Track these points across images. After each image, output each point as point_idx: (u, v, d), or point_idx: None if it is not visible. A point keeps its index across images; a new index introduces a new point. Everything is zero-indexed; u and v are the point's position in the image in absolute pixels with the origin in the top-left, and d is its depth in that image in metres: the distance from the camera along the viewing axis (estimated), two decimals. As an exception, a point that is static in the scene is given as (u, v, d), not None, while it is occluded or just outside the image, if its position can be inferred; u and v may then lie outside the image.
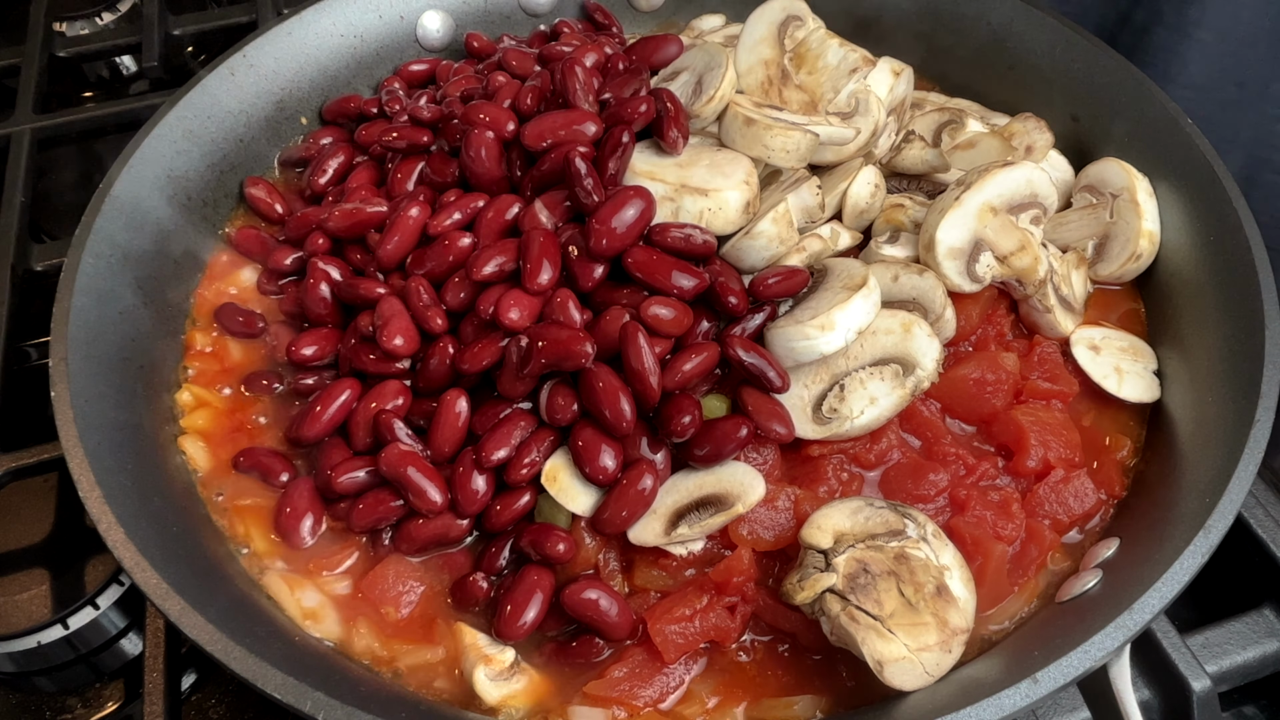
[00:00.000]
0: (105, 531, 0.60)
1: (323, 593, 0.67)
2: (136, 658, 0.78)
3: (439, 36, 1.03)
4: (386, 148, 0.86)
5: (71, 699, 0.77)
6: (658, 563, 0.66)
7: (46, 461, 0.76)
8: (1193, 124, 0.80)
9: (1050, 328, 0.78)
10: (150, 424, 0.73)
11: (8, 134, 1.02)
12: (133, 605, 0.78)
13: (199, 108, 0.88)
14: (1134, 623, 0.56)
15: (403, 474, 0.67)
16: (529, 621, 0.63)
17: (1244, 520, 0.73)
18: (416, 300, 0.73)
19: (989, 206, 0.76)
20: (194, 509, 0.71)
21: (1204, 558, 0.58)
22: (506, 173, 0.78)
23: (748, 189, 0.74)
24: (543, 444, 0.67)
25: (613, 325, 0.68)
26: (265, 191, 0.89)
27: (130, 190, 0.80)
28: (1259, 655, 0.68)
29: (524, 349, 0.67)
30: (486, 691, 0.61)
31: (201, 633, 0.56)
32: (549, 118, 0.76)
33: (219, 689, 0.75)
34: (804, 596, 0.60)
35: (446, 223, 0.76)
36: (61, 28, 1.22)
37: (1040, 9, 0.91)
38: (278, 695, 0.54)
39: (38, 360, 0.93)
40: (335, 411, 0.72)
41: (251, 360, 0.80)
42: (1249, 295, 0.70)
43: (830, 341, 0.68)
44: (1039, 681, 0.54)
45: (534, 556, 0.66)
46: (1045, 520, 0.69)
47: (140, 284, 0.78)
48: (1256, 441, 0.63)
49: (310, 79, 0.96)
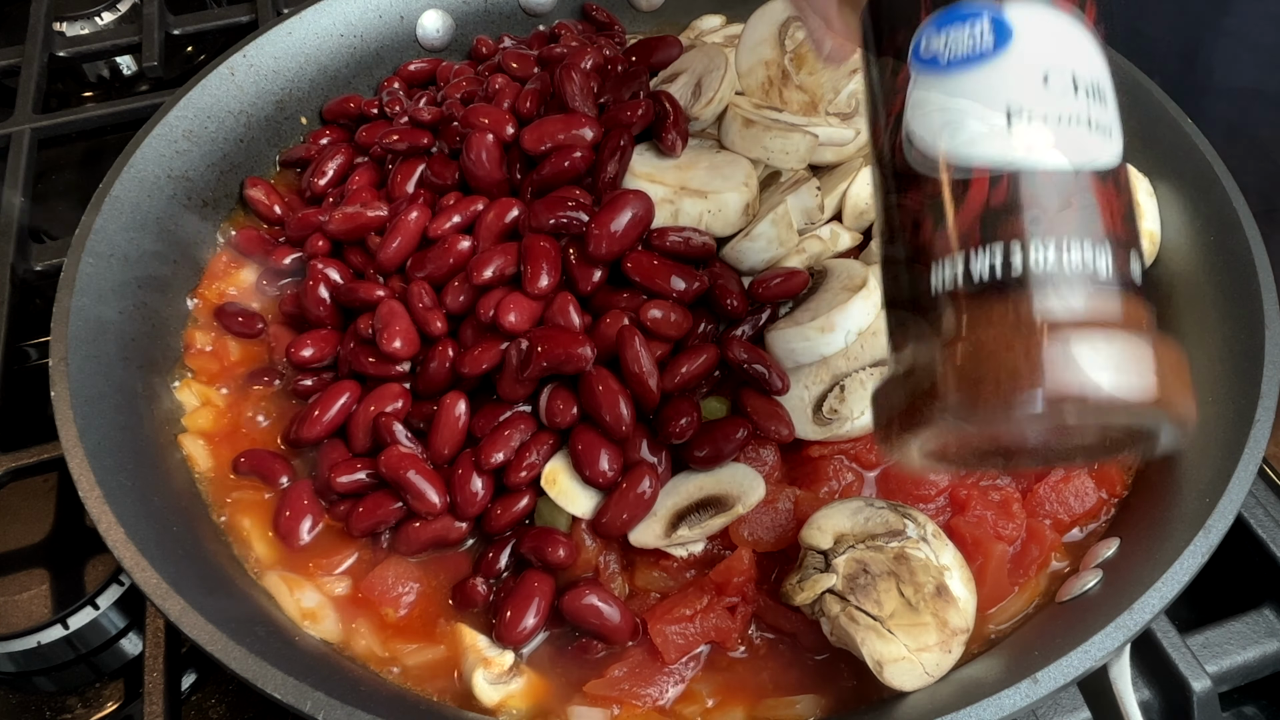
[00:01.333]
0: (105, 531, 0.60)
1: (322, 593, 0.67)
2: (136, 658, 0.78)
3: (439, 36, 1.03)
4: (387, 149, 0.86)
5: (71, 699, 0.77)
6: (658, 564, 0.66)
7: (46, 461, 0.76)
8: (1193, 124, 0.80)
9: (1050, 328, 0.78)
10: (150, 424, 0.73)
11: (8, 134, 1.01)
12: (133, 605, 0.78)
13: (199, 108, 0.88)
14: (1134, 623, 0.56)
15: (402, 476, 0.67)
16: (529, 628, 0.63)
17: (1244, 520, 0.73)
18: (417, 303, 0.73)
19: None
20: (194, 509, 0.71)
21: (1204, 558, 0.58)
22: (506, 176, 0.78)
23: (747, 191, 0.74)
24: (542, 447, 0.68)
25: (612, 329, 0.68)
26: (264, 193, 0.89)
27: (130, 190, 0.80)
28: (1259, 655, 0.68)
29: (524, 352, 0.67)
30: (485, 694, 0.61)
31: (201, 633, 0.56)
32: (548, 122, 0.76)
33: (219, 689, 0.75)
34: (803, 598, 0.61)
35: (446, 226, 0.76)
36: (61, 28, 1.21)
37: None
38: (278, 695, 0.54)
39: (38, 360, 0.93)
40: (335, 414, 0.72)
41: (251, 360, 0.80)
42: (1249, 295, 0.70)
43: (830, 343, 0.68)
44: (1039, 681, 0.54)
45: (534, 562, 0.66)
46: (1046, 520, 0.69)
47: (140, 284, 0.78)
48: (1256, 441, 0.63)
49: (310, 79, 0.96)
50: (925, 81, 0.47)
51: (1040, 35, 0.45)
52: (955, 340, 0.43)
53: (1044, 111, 0.44)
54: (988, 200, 0.44)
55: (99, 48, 1.18)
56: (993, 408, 0.41)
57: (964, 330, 0.43)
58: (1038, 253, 0.42)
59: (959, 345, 0.43)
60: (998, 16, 0.45)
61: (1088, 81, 0.46)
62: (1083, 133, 0.45)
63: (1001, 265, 0.43)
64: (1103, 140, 0.45)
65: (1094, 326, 0.41)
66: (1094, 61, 0.46)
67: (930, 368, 0.43)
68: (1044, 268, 0.42)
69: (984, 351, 0.41)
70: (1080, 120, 0.45)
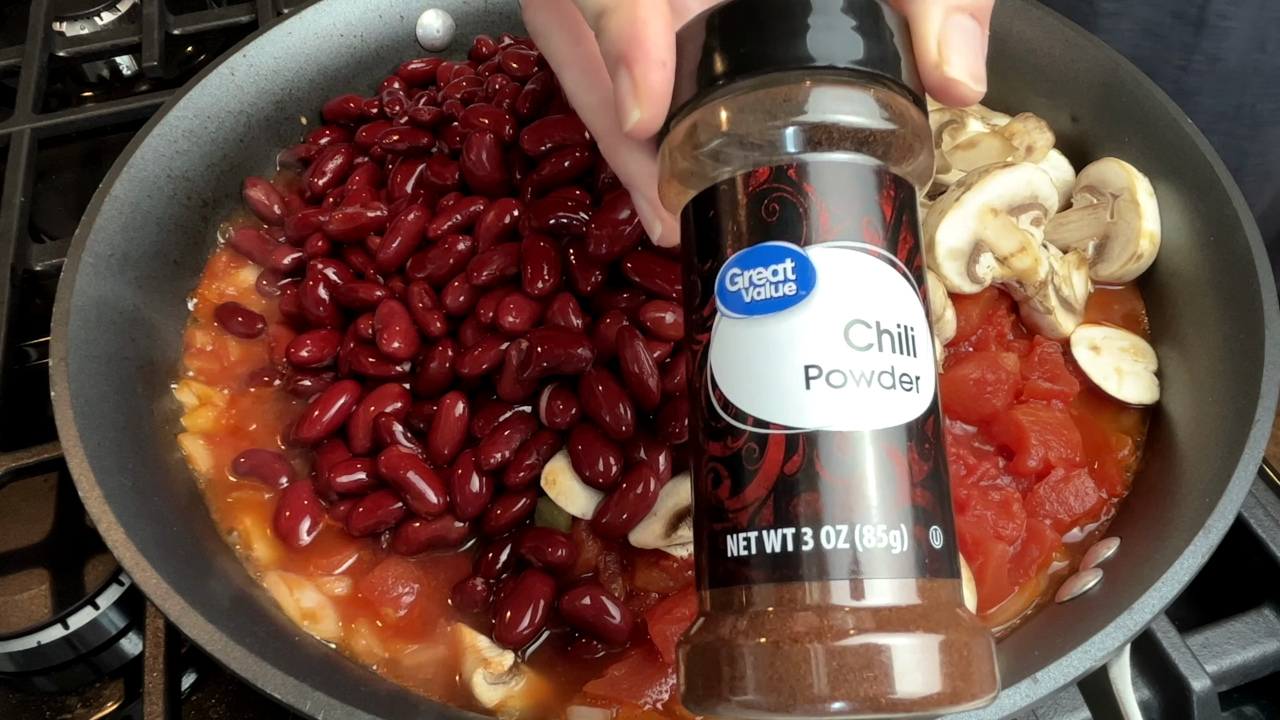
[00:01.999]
0: (105, 531, 0.60)
1: (322, 593, 0.67)
2: (136, 658, 0.78)
3: (439, 36, 1.03)
4: (387, 150, 0.86)
5: (71, 699, 0.77)
6: (658, 564, 0.66)
7: (46, 461, 0.76)
8: (1193, 124, 0.80)
9: (1051, 329, 0.78)
10: (150, 424, 0.73)
11: (8, 134, 1.01)
12: (133, 605, 0.78)
13: (199, 108, 0.88)
14: (1134, 623, 0.56)
15: (402, 476, 0.67)
16: (528, 629, 0.63)
17: (1244, 520, 0.73)
18: (417, 304, 0.73)
19: (989, 208, 0.76)
20: (194, 509, 0.71)
21: (1204, 558, 0.58)
22: (506, 176, 0.78)
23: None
24: (542, 447, 0.68)
25: (611, 329, 0.68)
26: (264, 193, 0.89)
27: (130, 190, 0.80)
28: (1259, 655, 0.68)
29: (523, 353, 0.67)
30: (485, 694, 0.61)
31: (201, 633, 0.56)
32: (548, 122, 0.76)
33: (219, 689, 0.75)
34: (804, 597, 0.60)
35: (446, 226, 0.76)
36: (61, 28, 1.22)
37: (1041, 8, 0.91)
38: (278, 695, 0.54)
39: (38, 360, 0.93)
40: (334, 414, 0.72)
41: (251, 360, 0.80)
42: (1249, 295, 0.70)
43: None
44: (1039, 681, 0.54)
45: (534, 563, 0.66)
46: (1046, 520, 0.69)
47: (140, 284, 0.78)
48: (1256, 441, 0.63)
49: (310, 79, 0.96)
50: (729, 322, 0.43)
51: (845, 282, 0.41)
52: (741, 617, 0.40)
53: (844, 369, 0.40)
54: (781, 466, 0.40)
55: (99, 48, 1.18)
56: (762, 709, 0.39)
57: (750, 609, 0.40)
58: (825, 534, 0.39)
59: (743, 624, 0.40)
60: (803, 259, 0.42)
61: (895, 332, 0.42)
62: (884, 392, 0.41)
63: (792, 542, 0.40)
64: (907, 397, 0.42)
65: (881, 624, 0.39)
66: (905, 308, 0.43)
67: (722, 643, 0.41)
68: (830, 550, 0.39)
69: (767, 639, 0.39)
70: (883, 377, 0.41)
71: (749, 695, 0.39)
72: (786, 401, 0.41)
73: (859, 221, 0.42)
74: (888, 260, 0.43)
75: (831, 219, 0.42)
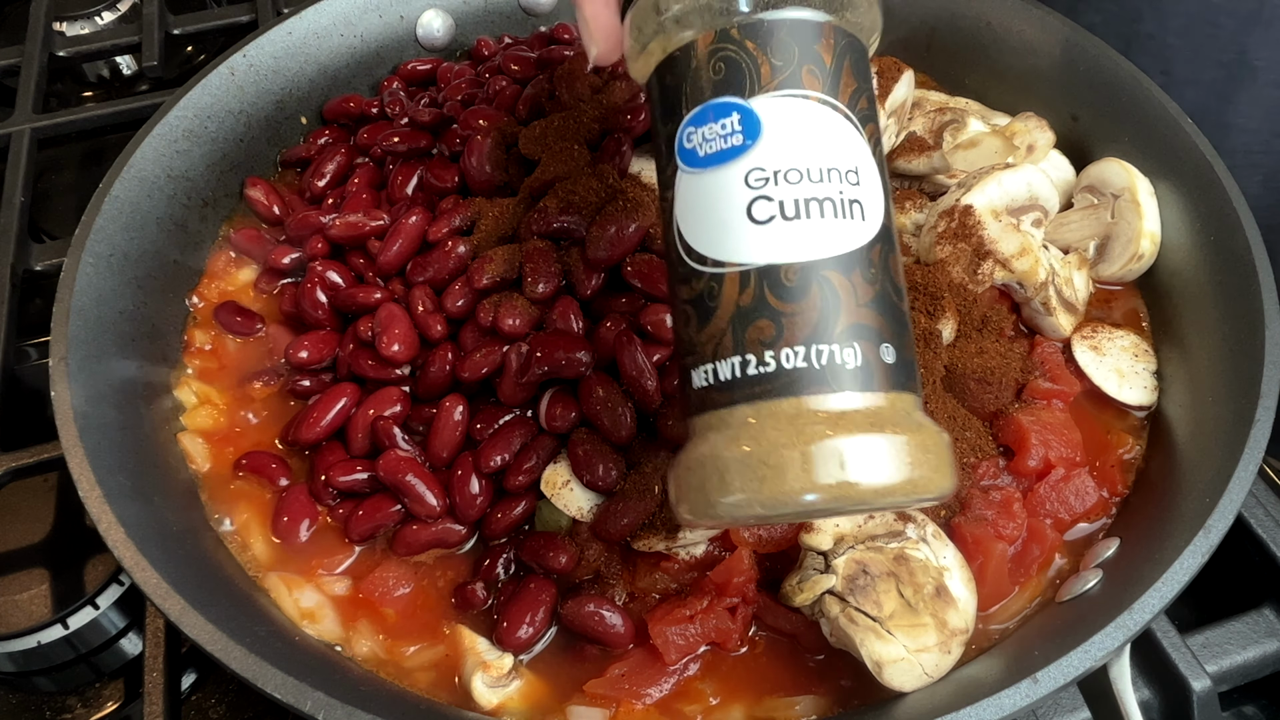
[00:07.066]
0: (105, 531, 0.60)
1: (322, 593, 0.67)
2: (136, 658, 0.78)
3: (439, 36, 1.03)
4: (387, 151, 0.86)
5: (71, 699, 0.77)
6: (659, 566, 0.66)
7: (46, 461, 0.76)
8: (1193, 124, 0.80)
9: (1052, 330, 0.78)
10: (150, 424, 0.73)
11: (8, 134, 1.01)
12: (133, 605, 0.78)
13: (199, 108, 0.88)
14: (1134, 623, 0.56)
15: (401, 479, 0.67)
16: (529, 634, 0.63)
17: (1244, 520, 0.73)
18: (417, 307, 0.73)
19: (990, 209, 0.76)
20: (194, 509, 0.71)
21: (1204, 558, 0.58)
22: (506, 179, 0.78)
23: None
24: (542, 450, 0.67)
25: (611, 333, 0.68)
26: (264, 193, 0.89)
27: (130, 190, 0.80)
28: (1259, 655, 0.68)
29: (523, 356, 0.67)
30: (484, 697, 0.61)
31: (201, 633, 0.56)
32: (547, 125, 0.76)
33: (219, 689, 0.75)
34: (803, 599, 0.61)
35: (446, 229, 0.76)
36: (61, 27, 1.21)
37: (1041, 8, 0.91)
38: (278, 695, 0.54)
39: (38, 360, 0.93)
40: (333, 417, 0.72)
41: (251, 360, 0.80)
42: (1249, 295, 0.70)
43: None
44: (1039, 681, 0.54)
45: (535, 568, 0.66)
46: (1047, 519, 0.69)
47: (140, 284, 0.78)
48: (1256, 441, 0.63)
49: (310, 79, 0.96)
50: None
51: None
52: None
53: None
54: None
55: (99, 48, 1.18)
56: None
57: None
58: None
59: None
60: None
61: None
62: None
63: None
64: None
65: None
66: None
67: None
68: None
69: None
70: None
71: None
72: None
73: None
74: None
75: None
